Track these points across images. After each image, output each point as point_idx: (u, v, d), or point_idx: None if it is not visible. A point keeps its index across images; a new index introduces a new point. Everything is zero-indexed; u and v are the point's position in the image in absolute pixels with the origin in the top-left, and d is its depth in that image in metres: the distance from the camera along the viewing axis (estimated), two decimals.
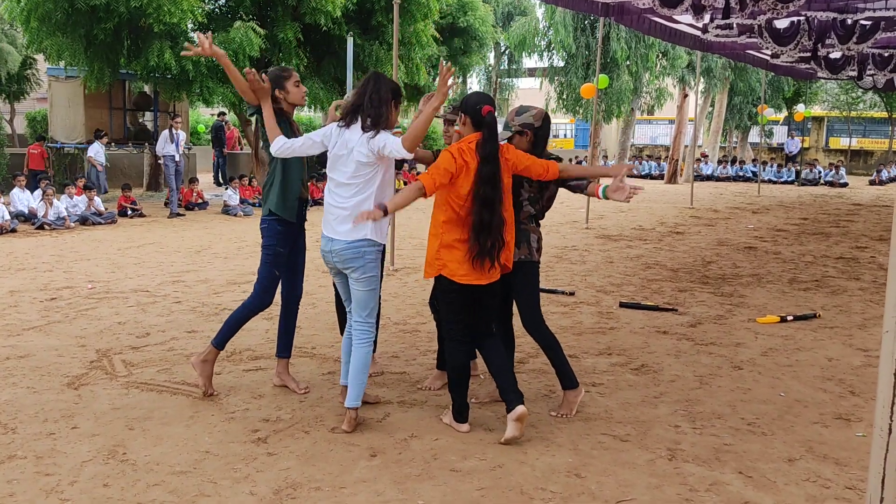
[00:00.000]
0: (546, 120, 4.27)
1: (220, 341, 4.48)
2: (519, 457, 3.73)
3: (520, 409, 3.83)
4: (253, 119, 5.01)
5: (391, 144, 3.87)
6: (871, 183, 26.15)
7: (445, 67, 3.77)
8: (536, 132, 4.22)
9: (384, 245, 4.20)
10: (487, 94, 3.88)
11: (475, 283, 3.90)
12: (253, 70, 4.14)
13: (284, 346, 4.68)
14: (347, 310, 4.22)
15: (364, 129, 3.95)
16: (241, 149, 23.56)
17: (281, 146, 4.13)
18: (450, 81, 3.77)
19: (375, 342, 5.17)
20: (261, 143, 4.84)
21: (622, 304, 7.00)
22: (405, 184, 18.67)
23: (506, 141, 4.18)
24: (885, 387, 1.68)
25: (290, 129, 4.35)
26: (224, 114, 20.52)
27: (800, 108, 28.07)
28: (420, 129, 3.81)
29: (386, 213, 3.73)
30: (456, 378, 4.00)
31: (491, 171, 3.80)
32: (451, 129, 4.64)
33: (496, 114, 4.93)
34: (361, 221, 3.74)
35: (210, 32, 4.28)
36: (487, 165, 3.80)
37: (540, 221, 4.32)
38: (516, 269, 4.13)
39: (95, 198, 12.92)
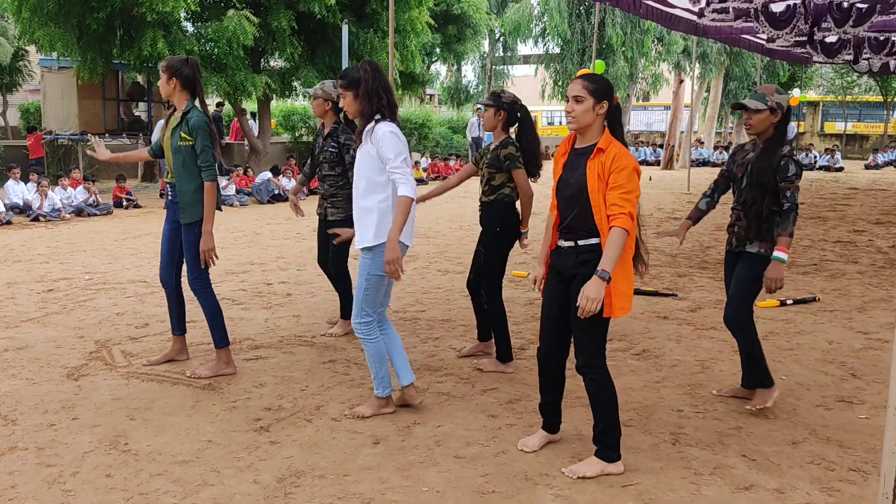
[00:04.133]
0: (790, 108, 4.08)
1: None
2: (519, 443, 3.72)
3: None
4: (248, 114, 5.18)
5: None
6: (867, 167, 26.15)
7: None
8: (784, 116, 4.01)
9: None
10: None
11: None
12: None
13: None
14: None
15: None
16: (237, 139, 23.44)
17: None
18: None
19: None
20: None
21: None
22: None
23: (757, 112, 3.96)
24: None
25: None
26: (222, 104, 20.40)
27: (795, 93, 28.01)
28: None
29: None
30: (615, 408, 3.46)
31: None
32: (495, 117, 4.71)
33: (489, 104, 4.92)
34: None
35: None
36: None
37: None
38: (752, 261, 4.03)
39: (92, 188, 12.87)
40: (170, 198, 4.67)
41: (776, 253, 3.88)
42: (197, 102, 4.52)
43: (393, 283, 4.09)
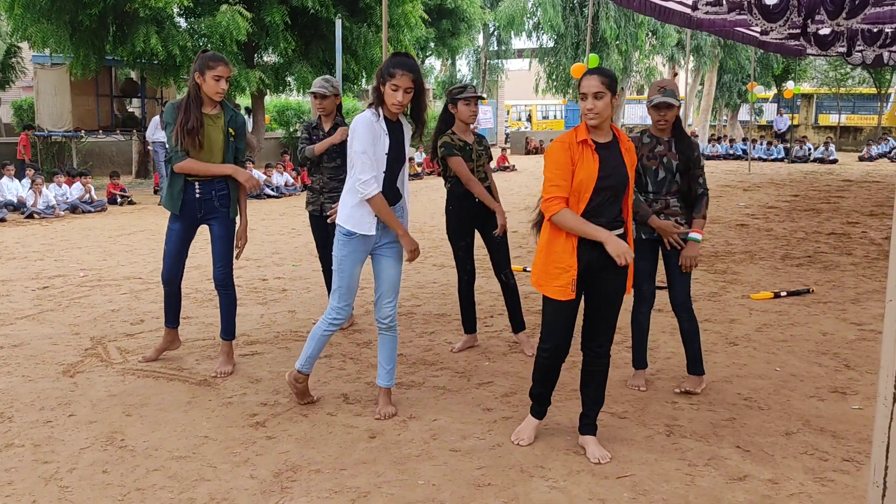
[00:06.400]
0: None
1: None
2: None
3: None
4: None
5: None
6: (861, 159, 26.20)
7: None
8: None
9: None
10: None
11: None
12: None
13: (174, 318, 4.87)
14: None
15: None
16: None
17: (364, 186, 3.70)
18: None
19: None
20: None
21: None
22: None
23: (672, 108, 4.18)
24: (889, 355, 1.68)
25: (194, 119, 4.42)
26: None
27: (789, 86, 28.05)
28: None
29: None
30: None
31: None
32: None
33: (486, 97, 4.98)
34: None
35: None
36: None
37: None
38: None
39: (89, 184, 12.86)
40: (197, 195, 4.51)
41: (694, 234, 4.17)
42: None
43: None
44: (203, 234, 4.77)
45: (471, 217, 4.98)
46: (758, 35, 15.18)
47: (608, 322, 3.53)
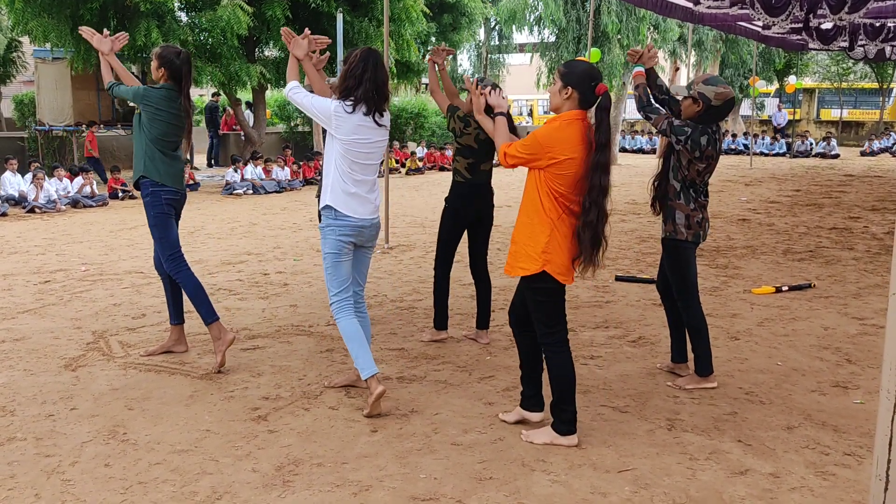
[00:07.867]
0: (727, 104, 4.14)
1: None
2: (519, 430, 3.74)
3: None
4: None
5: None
6: (863, 154, 26.16)
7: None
8: (709, 108, 4.12)
9: None
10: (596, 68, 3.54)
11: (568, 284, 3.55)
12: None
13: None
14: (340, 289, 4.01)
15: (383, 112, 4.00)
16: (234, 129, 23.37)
17: (289, 90, 3.98)
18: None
19: None
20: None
21: (618, 278, 7.01)
22: (396, 162, 18.53)
23: (680, 99, 4.27)
24: (893, 349, 1.68)
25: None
26: (218, 94, 20.28)
27: (791, 80, 27.96)
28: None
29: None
30: (570, 387, 3.56)
31: (607, 160, 3.36)
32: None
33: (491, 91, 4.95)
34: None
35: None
36: (604, 154, 3.35)
37: (694, 198, 4.21)
38: (663, 245, 4.37)
39: (90, 179, 12.85)
40: None
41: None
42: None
43: (366, 263, 4.15)
44: (204, 230, 4.76)
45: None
46: (759, 29, 15.13)
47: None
